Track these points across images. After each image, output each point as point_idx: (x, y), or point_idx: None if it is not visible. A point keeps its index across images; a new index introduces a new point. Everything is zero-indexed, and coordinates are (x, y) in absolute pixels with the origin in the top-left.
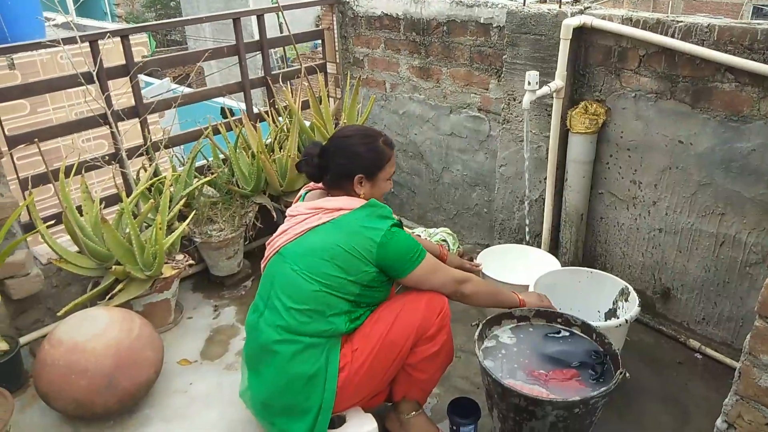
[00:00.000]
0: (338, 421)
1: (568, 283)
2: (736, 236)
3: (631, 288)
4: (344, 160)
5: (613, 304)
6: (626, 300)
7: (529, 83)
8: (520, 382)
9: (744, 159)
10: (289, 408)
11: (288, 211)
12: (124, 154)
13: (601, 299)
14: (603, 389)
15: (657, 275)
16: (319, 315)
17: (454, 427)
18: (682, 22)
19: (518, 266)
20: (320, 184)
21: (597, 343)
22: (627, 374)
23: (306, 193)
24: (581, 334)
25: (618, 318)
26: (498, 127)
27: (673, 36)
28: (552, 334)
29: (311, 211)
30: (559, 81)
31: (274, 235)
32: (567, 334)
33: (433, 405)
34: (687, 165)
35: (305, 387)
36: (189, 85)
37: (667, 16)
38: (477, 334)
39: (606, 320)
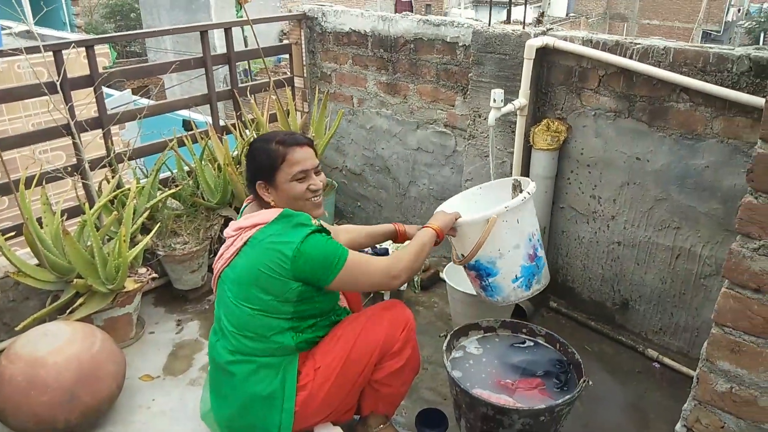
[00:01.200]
0: None
1: (468, 202)
2: (691, 249)
3: (521, 179)
4: (247, 168)
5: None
6: (521, 190)
7: (494, 101)
8: (488, 392)
9: (698, 175)
10: (249, 428)
11: (224, 233)
12: (86, 166)
13: (503, 199)
14: (567, 397)
15: (616, 287)
16: (261, 337)
17: None
18: (639, 44)
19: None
20: None
21: (560, 353)
22: (590, 382)
23: (245, 206)
24: (545, 344)
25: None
26: (464, 142)
27: (631, 57)
28: (517, 344)
29: (235, 233)
30: (522, 99)
31: (216, 258)
32: (532, 344)
33: (400, 417)
34: (644, 181)
35: (262, 407)
36: (149, 98)
37: (626, 39)
38: (445, 345)
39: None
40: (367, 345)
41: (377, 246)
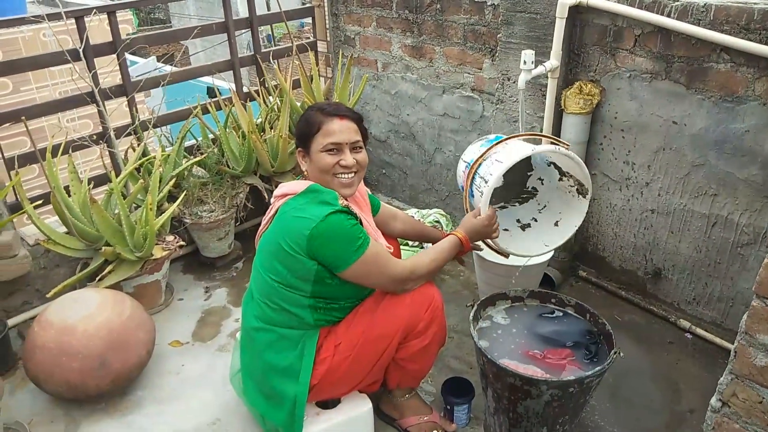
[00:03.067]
0: (332, 402)
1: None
2: (728, 217)
3: (588, 185)
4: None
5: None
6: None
7: (525, 62)
8: (515, 362)
9: (737, 140)
10: (267, 395)
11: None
12: (112, 134)
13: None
14: (598, 369)
15: (648, 256)
16: (280, 308)
17: (449, 407)
18: (678, 1)
19: None
20: None
21: (591, 323)
22: (621, 354)
23: (300, 176)
24: (575, 314)
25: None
26: (491, 107)
27: (669, 15)
28: (546, 314)
29: (275, 199)
30: (554, 60)
31: None
32: (561, 314)
33: (426, 384)
34: (681, 146)
35: (280, 378)
36: (174, 65)
37: None
38: (472, 315)
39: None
40: (389, 324)
41: None
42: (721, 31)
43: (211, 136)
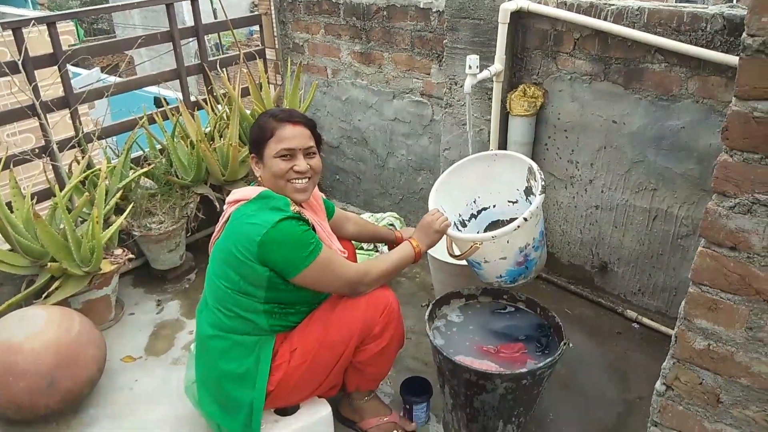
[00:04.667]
0: (291, 408)
1: (478, 170)
2: (668, 210)
3: (535, 166)
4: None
5: (527, 181)
6: (534, 179)
7: (470, 67)
8: (470, 358)
9: (674, 136)
10: (222, 404)
11: None
12: (55, 147)
13: (514, 178)
14: (548, 360)
15: (595, 250)
16: (235, 314)
17: (408, 407)
18: (614, 5)
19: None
20: None
21: (541, 317)
22: (570, 344)
23: (255, 181)
24: (526, 309)
25: (535, 195)
26: (441, 111)
27: (605, 19)
28: (499, 311)
29: (227, 205)
30: (498, 65)
31: None
32: (513, 309)
33: (385, 386)
34: (621, 144)
35: (235, 385)
36: (119, 75)
37: (600, 0)
38: (427, 314)
39: (526, 197)
40: (345, 329)
41: None
42: (654, 33)
43: (158, 146)
